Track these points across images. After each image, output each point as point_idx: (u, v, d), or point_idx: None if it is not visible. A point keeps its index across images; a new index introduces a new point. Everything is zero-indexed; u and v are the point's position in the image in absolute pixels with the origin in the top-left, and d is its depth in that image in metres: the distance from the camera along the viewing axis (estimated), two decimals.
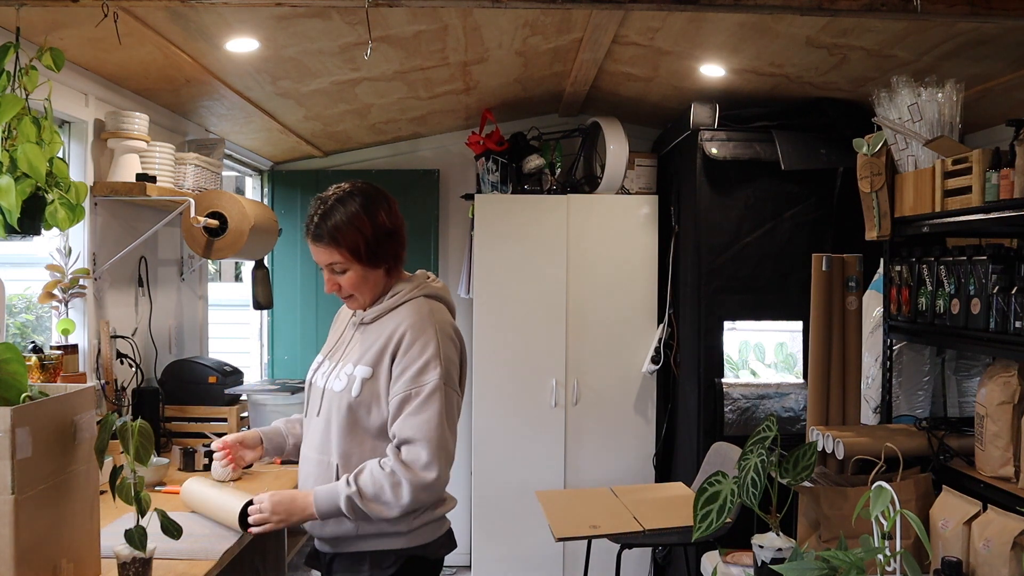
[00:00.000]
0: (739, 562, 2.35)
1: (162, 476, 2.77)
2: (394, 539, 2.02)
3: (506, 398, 4.36)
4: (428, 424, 1.94)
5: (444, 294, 2.16)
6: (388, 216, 2.06)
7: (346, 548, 2.04)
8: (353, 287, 2.07)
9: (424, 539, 2.05)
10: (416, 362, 1.98)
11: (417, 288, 2.09)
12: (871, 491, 1.77)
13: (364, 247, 2.02)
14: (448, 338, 2.05)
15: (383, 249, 2.05)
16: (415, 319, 2.02)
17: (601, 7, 2.67)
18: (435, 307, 2.08)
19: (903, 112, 2.66)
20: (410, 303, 2.06)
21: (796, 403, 3.77)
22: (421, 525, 2.04)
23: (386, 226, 2.05)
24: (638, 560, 4.35)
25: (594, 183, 4.45)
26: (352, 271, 2.05)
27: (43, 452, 1.70)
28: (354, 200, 2.03)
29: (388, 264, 2.07)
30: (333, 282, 2.07)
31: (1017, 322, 2.25)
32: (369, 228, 2.02)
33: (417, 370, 1.97)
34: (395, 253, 2.08)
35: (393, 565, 2.02)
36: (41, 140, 2.19)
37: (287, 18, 2.67)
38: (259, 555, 2.80)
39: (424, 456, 1.93)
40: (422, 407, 1.95)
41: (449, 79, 3.74)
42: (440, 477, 1.94)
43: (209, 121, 3.80)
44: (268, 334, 4.86)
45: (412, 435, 1.94)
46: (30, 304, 3.18)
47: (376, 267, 2.06)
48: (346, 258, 2.03)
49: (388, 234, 2.05)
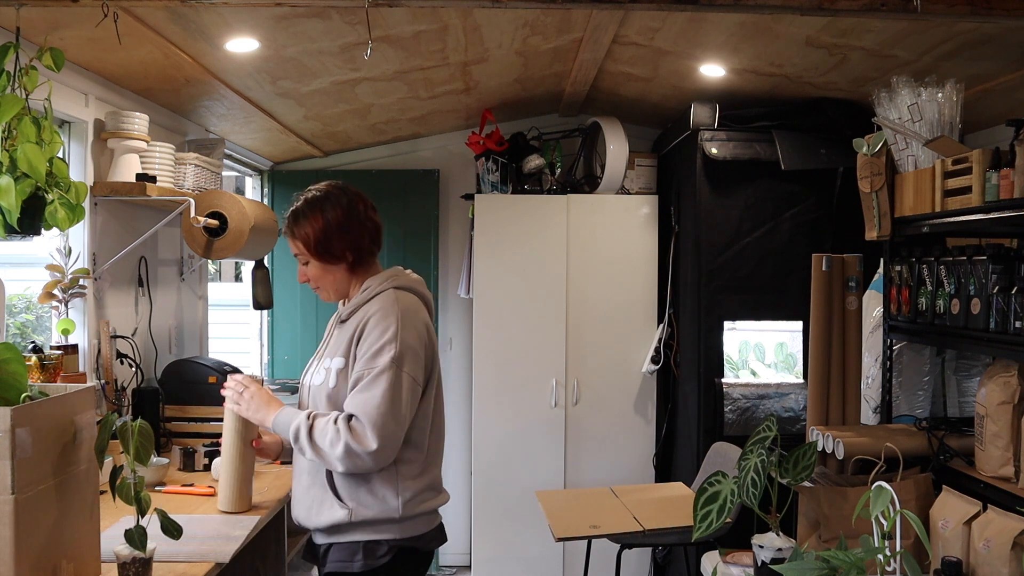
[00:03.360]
0: (739, 562, 2.35)
1: (162, 476, 2.77)
2: (387, 529, 2.09)
3: (506, 398, 4.36)
4: (371, 402, 2.01)
5: (417, 287, 2.23)
6: (346, 213, 2.17)
7: (340, 538, 2.11)
8: (316, 278, 2.21)
9: (416, 531, 2.13)
10: (374, 344, 2.06)
11: (388, 281, 2.19)
12: (871, 491, 1.77)
13: (314, 240, 2.15)
14: (412, 326, 2.10)
15: (335, 244, 2.16)
16: (379, 306, 2.12)
17: (601, 7, 2.67)
18: (402, 296, 2.15)
19: (903, 112, 2.66)
20: (380, 295, 2.15)
21: (796, 403, 3.77)
22: (414, 516, 2.11)
23: (339, 221, 2.16)
24: (638, 560, 4.35)
25: (594, 183, 4.45)
26: (312, 263, 2.19)
27: (43, 452, 1.70)
28: (317, 199, 2.18)
29: (346, 260, 2.18)
30: (302, 272, 2.23)
31: (1017, 322, 2.25)
32: (320, 222, 2.15)
33: (373, 352, 2.06)
34: (352, 249, 2.17)
35: (386, 555, 2.09)
36: (41, 140, 2.19)
37: (287, 18, 2.67)
38: (259, 555, 2.80)
39: (361, 431, 2.00)
40: (369, 386, 2.03)
41: (449, 79, 3.74)
42: (377, 452, 2.00)
43: (209, 121, 3.80)
44: (268, 334, 4.86)
45: (354, 411, 2.03)
46: (30, 304, 3.18)
47: (333, 261, 2.18)
48: (301, 250, 2.18)
49: (341, 229, 2.16)
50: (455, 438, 4.91)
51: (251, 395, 2.22)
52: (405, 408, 2.05)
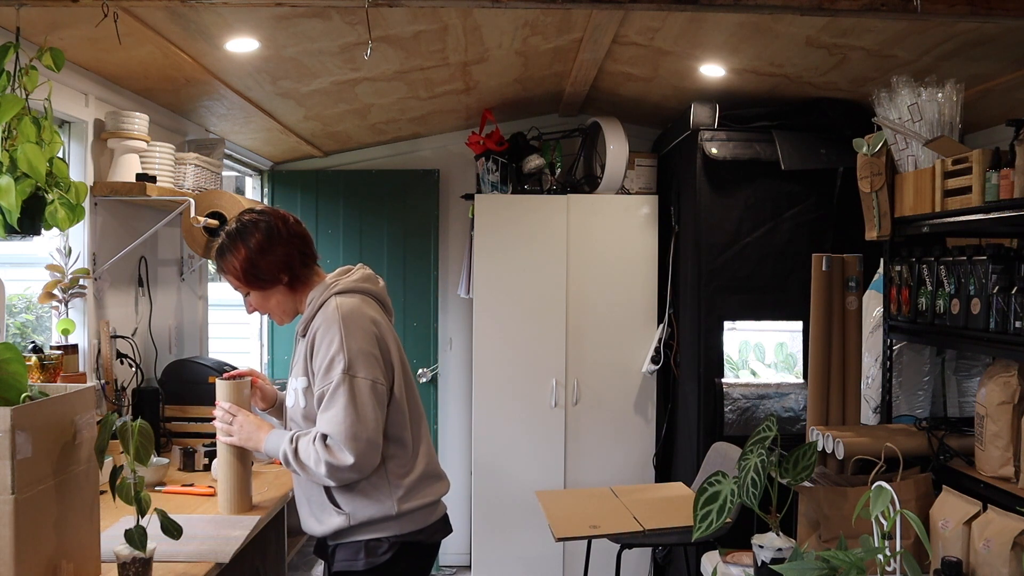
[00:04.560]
0: (739, 562, 2.35)
1: (162, 476, 2.77)
2: (385, 526, 2.12)
3: (506, 398, 4.36)
4: (336, 417, 2.04)
5: (360, 286, 2.20)
6: (265, 237, 2.16)
7: (343, 540, 2.14)
8: (260, 306, 2.24)
9: (416, 525, 2.15)
10: (324, 361, 2.08)
11: (326, 290, 2.17)
12: (871, 491, 1.77)
13: (242, 271, 2.17)
14: (355, 329, 2.09)
15: (261, 271, 2.17)
16: (321, 320, 2.12)
17: (601, 7, 2.67)
18: (342, 302, 2.13)
19: (903, 112, 2.66)
20: (322, 308, 2.15)
21: (796, 403, 3.77)
22: (411, 511, 2.14)
23: (261, 246, 2.16)
24: (638, 560, 4.35)
25: (594, 183, 4.45)
26: (252, 293, 2.21)
27: (43, 452, 1.70)
28: (234, 230, 2.19)
29: (281, 281, 2.18)
30: (248, 304, 2.25)
31: (1017, 322, 2.25)
32: (243, 252, 2.16)
33: (324, 368, 2.07)
34: (284, 269, 2.18)
35: (388, 552, 2.12)
36: (41, 140, 2.19)
37: (287, 18, 2.67)
38: (259, 555, 2.80)
39: (336, 447, 2.03)
40: (330, 402, 2.05)
41: (449, 79, 3.74)
42: (355, 463, 2.02)
43: (209, 121, 3.80)
44: (268, 334, 4.86)
45: (325, 430, 2.05)
46: (30, 304, 3.18)
47: (268, 286, 2.19)
48: (235, 284, 2.21)
49: (264, 253, 2.16)
50: (455, 438, 4.91)
51: (240, 424, 2.27)
52: (372, 412, 2.05)
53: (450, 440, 4.91)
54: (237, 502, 2.42)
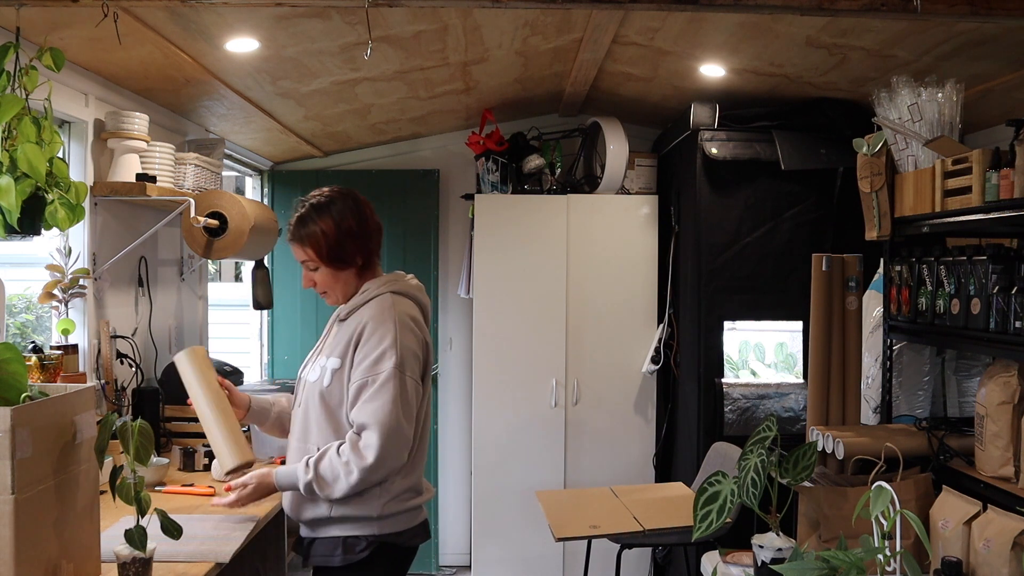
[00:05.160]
0: (739, 562, 2.35)
1: (162, 476, 2.77)
2: (366, 525, 2.12)
3: (506, 398, 4.36)
4: (382, 410, 2.04)
5: (415, 292, 2.25)
6: (355, 220, 2.20)
7: (321, 532, 2.15)
8: (325, 284, 2.23)
9: (396, 527, 2.15)
10: (374, 351, 2.09)
11: (385, 285, 2.20)
12: (871, 491, 1.77)
13: (326, 248, 2.17)
14: (408, 329, 2.13)
15: (346, 250, 2.19)
16: (376, 311, 2.14)
17: (601, 7, 2.67)
18: (398, 300, 2.18)
19: (903, 112, 2.66)
20: (377, 299, 2.17)
21: (796, 403, 3.77)
22: (394, 513, 2.14)
23: (351, 229, 2.18)
24: (638, 560, 4.35)
25: (594, 183, 4.45)
26: (322, 269, 2.20)
27: (43, 452, 1.70)
28: (324, 204, 2.19)
29: (356, 264, 2.21)
30: (309, 278, 2.24)
31: (1017, 322, 2.25)
32: (333, 230, 2.17)
33: (374, 359, 2.08)
34: (363, 253, 2.21)
35: (365, 550, 2.12)
36: (41, 140, 2.19)
37: (287, 18, 2.67)
38: (259, 555, 2.80)
39: (374, 441, 2.03)
40: (377, 394, 2.05)
41: (449, 79, 3.74)
42: (390, 461, 2.04)
43: (209, 121, 3.80)
44: (268, 334, 4.86)
45: (366, 420, 2.05)
46: (30, 304, 3.18)
47: (343, 267, 2.20)
48: (311, 257, 2.19)
49: (352, 236, 2.18)
50: (455, 438, 4.91)
51: (253, 488, 2.18)
52: (414, 411, 2.10)
53: (450, 440, 4.91)
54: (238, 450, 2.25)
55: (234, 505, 2.19)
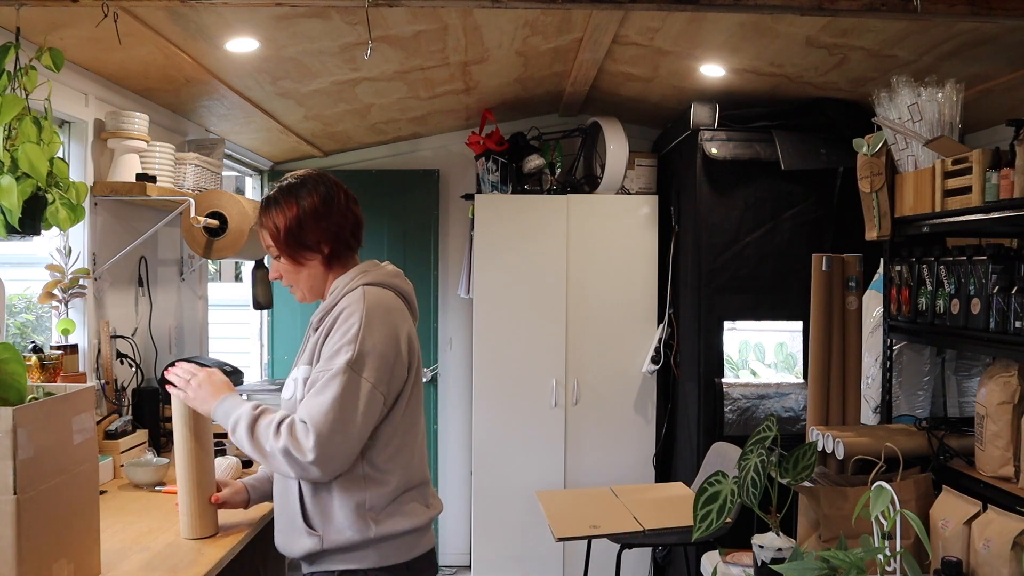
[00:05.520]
0: (739, 562, 2.35)
1: (162, 476, 2.77)
2: (362, 557, 1.89)
3: (506, 398, 4.36)
4: (322, 407, 1.80)
5: (391, 280, 2.01)
6: (321, 201, 1.96)
7: (317, 567, 1.93)
8: (287, 275, 2.01)
9: (398, 558, 1.91)
10: (333, 347, 1.86)
11: (356, 278, 1.96)
12: (871, 491, 1.77)
13: (284, 231, 1.95)
14: (376, 325, 1.87)
15: (307, 235, 1.95)
16: (344, 306, 1.91)
17: (601, 7, 2.66)
18: (371, 292, 1.93)
19: (903, 112, 2.66)
20: (346, 295, 1.93)
21: (796, 403, 3.77)
22: (392, 538, 1.91)
23: (315, 210, 1.95)
24: (638, 560, 4.35)
25: (594, 183, 4.45)
26: (283, 260, 1.99)
27: (44, 452, 1.70)
28: (291, 184, 1.99)
29: (321, 252, 1.97)
30: (275, 268, 2.02)
31: (1017, 322, 2.25)
32: (294, 210, 1.95)
33: (329, 355, 1.86)
34: (328, 241, 1.97)
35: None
36: (41, 140, 2.19)
37: (287, 18, 2.67)
38: (259, 555, 2.80)
39: (306, 440, 1.79)
40: (321, 390, 1.82)
41: (449, 79, 3.74)
42: (317, 462, 1.78)
43: (209, 121, 3.80)
44: (268, 334, 4.86)
45: (304, 415, 1.82)
46: (30, 304, 3.18)
47: (305, 254, 1.97)
48: (269, 242, 1.99)
49: (315, 218, 1.95)
50: (455, 438, 4.91)
51: (199, 382, 1.98)
52: (360, 417, 1.81)
53: (450, 440, 4.91)
54: (197, 523, 2.11)
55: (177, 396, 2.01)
